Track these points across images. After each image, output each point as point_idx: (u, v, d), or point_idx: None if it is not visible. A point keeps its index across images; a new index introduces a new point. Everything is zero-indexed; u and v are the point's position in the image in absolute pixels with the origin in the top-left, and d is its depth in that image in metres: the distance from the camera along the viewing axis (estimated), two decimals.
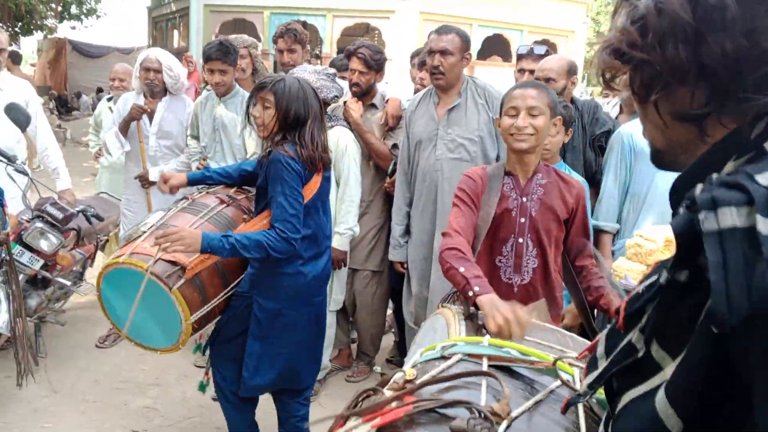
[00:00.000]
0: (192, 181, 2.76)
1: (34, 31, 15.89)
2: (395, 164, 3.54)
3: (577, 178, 2.92)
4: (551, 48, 14.72)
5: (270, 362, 2.59)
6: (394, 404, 1.12)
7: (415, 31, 13.03)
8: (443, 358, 1.32)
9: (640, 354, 0.78)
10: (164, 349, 2.52)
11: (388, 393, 1.20)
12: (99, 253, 4.63)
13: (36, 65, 19.59)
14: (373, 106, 3.69)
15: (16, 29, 15.57)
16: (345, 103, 3.72)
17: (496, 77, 3.83)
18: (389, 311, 4.27)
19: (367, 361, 3.98)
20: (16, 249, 3.29)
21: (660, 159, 0.88)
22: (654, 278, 0.78)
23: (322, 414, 3.47)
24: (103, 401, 3.44)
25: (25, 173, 3.23)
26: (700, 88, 0.77)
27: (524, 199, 2.23)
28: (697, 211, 0.67)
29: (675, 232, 0.71)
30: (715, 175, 0.70)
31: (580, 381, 1.22)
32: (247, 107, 2.55)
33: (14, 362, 3.16)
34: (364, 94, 3.64)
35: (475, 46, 13.95)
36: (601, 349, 0.89)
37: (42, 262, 3.44)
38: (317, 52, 13.20)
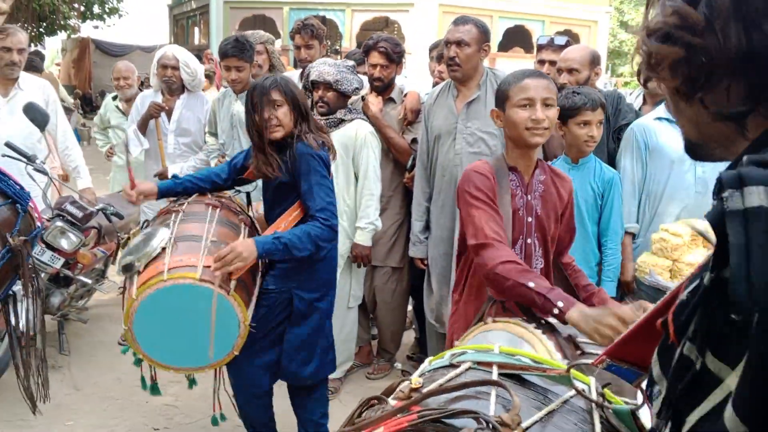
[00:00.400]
0: (162, 192, 2.70)
1: (57, 31, 16.07)
2: (414, 159, 3.49)
3: (611, 173, 2.85)
4: (573, 39, 14.52)
5: (310, 350, 2.64)
6: (399, 414, 1.07)
7: (434, 25, 12.93)
8: (452, 366, 1.26)
9: (698, 367, 0.70)
10: (214, 364, 2.39)
11: (393, 402, 1.15)
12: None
13: (60, 65, 19.86)
14: (392, 100, 3.64)
15: (41, 30, 15.78)
16: (363, 97, 3.68)
17: (518, 69, 3.73)
18: (410, 308, 4.24)
19: (387, 358, 3.94)
20: (37, 248, 3.31)
21: (694, 151, 0.83)
22: (697, 282, 0.72)
23: (342, 412, 3.44)
24: (124, 398, 3.46)
25: (44, 172, 3.24)
26: (738, 81, 0.71)
27: (528, 197, 2.12)
28: (722, 190, 0.62)
29: (709, 222, 0.65)
30: (746, 156, 0.65)
31: (596, 390, 1.16)
32: (249, 117, 2.51)
33: (39, 360, 3.20)
34: (386, 89, 3.60)
35: (496, 38, 13.80)
36: (656, 370, 0.80)
37: (63, 260, 3.45)
38: (337, 47, 13.18)
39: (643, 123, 3.06)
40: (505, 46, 14.57)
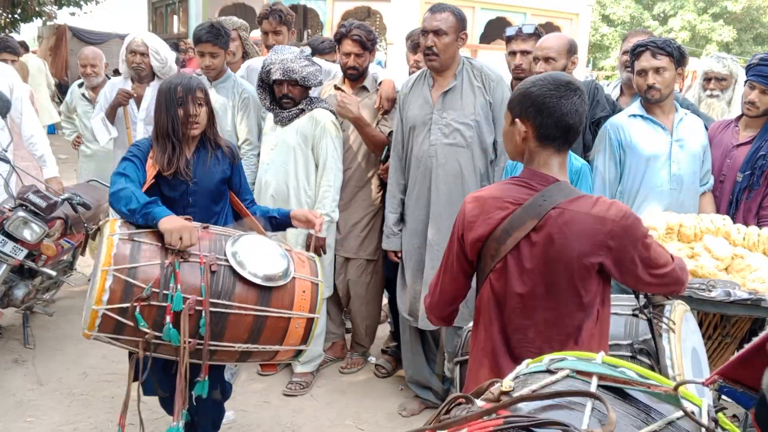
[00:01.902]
0: None
1: (33, 18, 15.72)
2: (389, 149, 3.42)
3: (580, 162, 2.81)
4: (555, 31, 14.51)
5: None
6: (485, 417, 0.99)
7: (416, 14, 12.81)
8: (548, 372, 1.15)
9: None
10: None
11: (480, 403, 1.06)
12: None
13: (37, 53, 19.45)
14: (365, 89, 3.56)
15: (15, 16, 15.43)
16: (335, 87, 3.60)
17: (500, 61, 3.69)
18: (384, 301, 4.18)
19: (361, 352, 3.89)
20: None
21: None
22: None
23: (313, 407, 3.39)
24: (89, 394, 3.36)
25: (6, 161, 3.13)
26: None
27: None
28: None
29: None
30: None
31: (709, 414, 1.05)
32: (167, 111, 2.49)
33: (2, 356, 3.09)
34: (360, 77, 3.52)
35: (478, 30, 13.73)
36: None
37: (26, 251, 3.34)
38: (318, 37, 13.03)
39: (617, 121, 3.03)
40: (486, 37, 14.52)
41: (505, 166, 3.06)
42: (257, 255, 2.26)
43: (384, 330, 4.30)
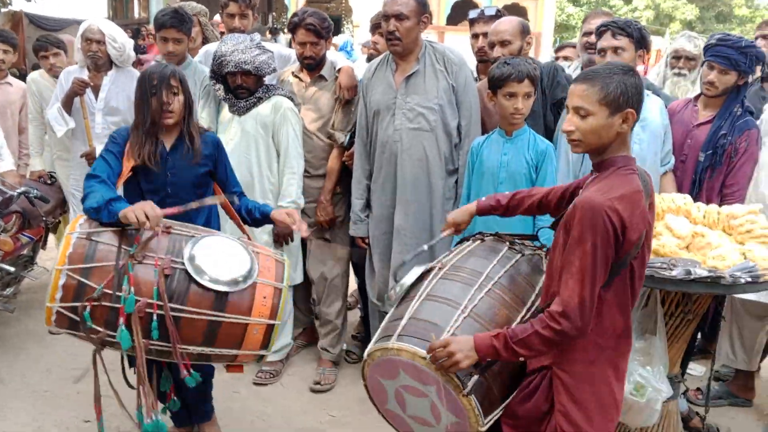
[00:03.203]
0: None
1: None
2: (353, 135, 3.39)
3: (545, 144, 2.82)
4: (521, 12, 14.52)
5: None
6: None
7: None
8: None
9: None
10: None
11: None
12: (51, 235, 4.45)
13: None
14: (322, 77, 3.50)
15: None
16: (293, 74, 3.55)
17: (467, 43, 3.67)
18: (354, 287, 4.17)
19: (332, 361, 3.82)
20: None
21: None
22: None
23: (284, 395, 3.38)
24: (54, 391, 3.30)
25: None
26: None
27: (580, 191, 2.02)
28: None
29: None
30: None
31: None
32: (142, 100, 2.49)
33: None
34: (317, 66, 3.47)
35: (444, 12, 13.70)
36: None
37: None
38: (277, 26, 12.81)
39: None
40: (453, 19, 14.49)
41: (468, 149, 3.07)
42: (216, 258, 2.19)
43: (354, 316, 4.30)
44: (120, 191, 2.44)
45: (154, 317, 2.09)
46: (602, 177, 1.84)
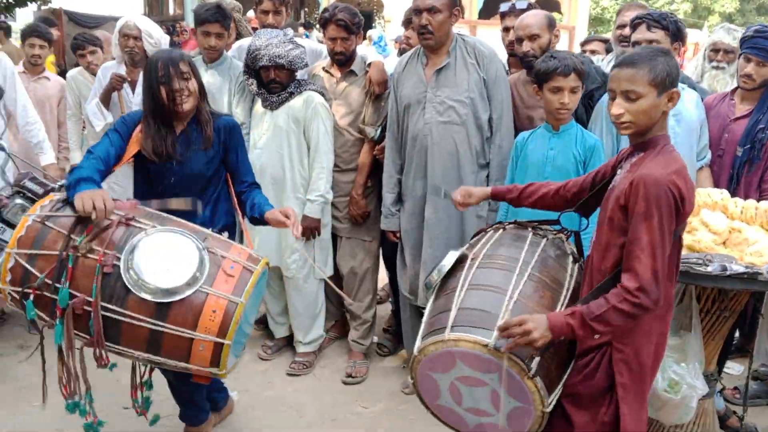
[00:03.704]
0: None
1: (28, 2, 15.59)
2: (383, 130, 3.40)
3: (593, 139, 2.80)
4: (554, 7, 14.35)
5: None
6: None
7: None
8: None
9: None
10: None
11: None
12: None
13: None
14: (353, 72, 3.53)
15: (11, 1, 15.30)
16: (323, 69, 3.58)
17: (498, 38, 3.65)
18: (386, 281, 4.19)
19: (362, 354, 3.85)
20: None
21: None
22: None
23: (318, 386, 3.42)
24: (94, 379, 3.38)
25: (1, 148, 3.12)
26: None
27: (618, 171, 2.04)
28: None
29: None
30: None
31: None
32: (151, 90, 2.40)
33: (7, 342, 3.10)
34: (347, 61, 3.49)
35: (477, 6, 13.61)
36: None
37: (11, 231, 3.35)
38: (310, 21, 12.88)
39: None
40: (486, 13, 14.38)
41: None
42: (161, 260, 1.98)
43: (385, 309, 4.33)
44: (128, 175, 2.49)
45: (92, 315, 1.95)
46: (651, 155, 1.89)
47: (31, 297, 1.98)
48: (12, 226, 3.30)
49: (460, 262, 2.14)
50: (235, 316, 1.99)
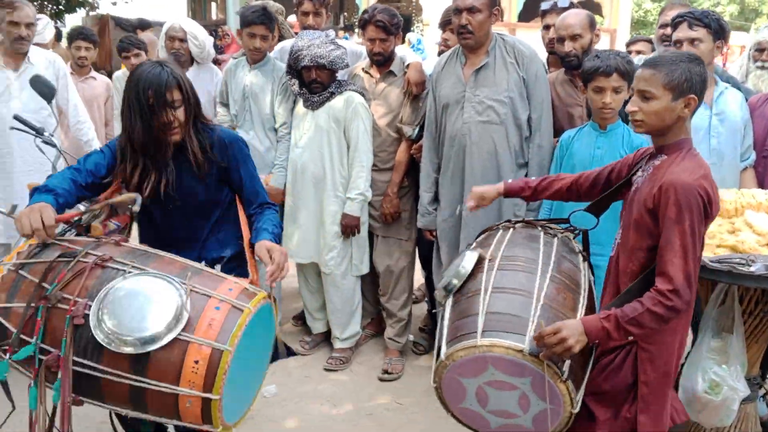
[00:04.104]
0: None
1: (77, 9, 16.11)
2: (421, 129, 3.43)
3: (640, 139, 2.75)
4: (596, 9, 14.17)
5: None
6: None
7: None
8: None
9: None
10: None
11: None
12: None
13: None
14: (391, 73, 3.57)
15: (60, 7, 15.83)
16: (363, 70, 3.63)
17: (539, 40, 3.65)
18: (422, 280, 4.21)
19: (399, 351, 3.87)
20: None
21: None
22: None
23: (353, 382, 3.47)
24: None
25: (53, 145, 3.24)
26: None
27: (640, 173, 2.05)
28: None
29: None
30: None
31: None
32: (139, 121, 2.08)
33: None
34: (386, 61, 3.54)
35: (517, 8, 13.53)
36: None
37: (75, 233, 3.47)
38: (352, 23, 12.99)
39: None
40: (525, 16, 14.28)
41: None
42: (135, 308, 1.75)
43: (421, 309, 4.35)
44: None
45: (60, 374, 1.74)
46: (676, 158, 1.92)
47: (7, 356, 1.78)
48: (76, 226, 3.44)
49: (476, 263, 2.12)
50: (221, 367, 1.72)
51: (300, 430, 3.03)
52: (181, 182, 2.19)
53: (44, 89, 3.09)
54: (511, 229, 2.29)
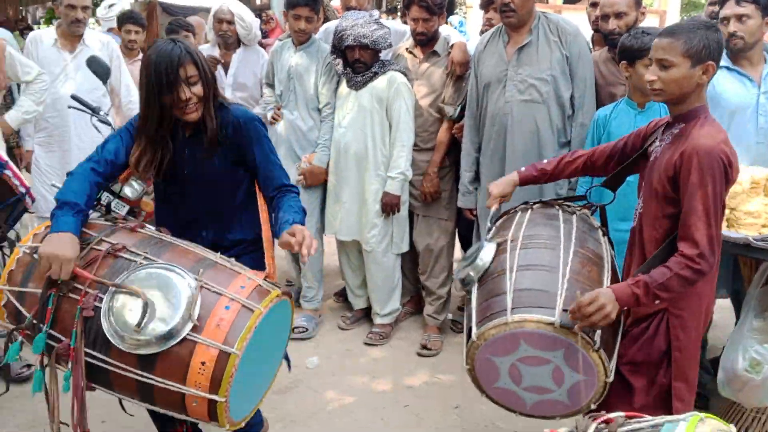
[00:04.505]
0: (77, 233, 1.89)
1: None
2: (463, 108, 3.46)
3: None
4: None
5: None
6: None
7: None
8: None
9: None
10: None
11: None
12: None
13: None
14: (435, 53, 3.59)
15: None
16: (406, 50, 3.66)
17: (585, 22, 3.62)
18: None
19: (437, 328, 3.91)
20: (104, 196, 3.49)
21: None
22: None
23: (392, 357, 3.54)
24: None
25: (108, 123, 3.38)
26: None
27: (658, 143, 2.08)
28: None
29: None
30: None
31: None
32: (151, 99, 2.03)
33: None
34: (429, 41, 3.56)
35: None
36: None
37: (128, 207, 3.61)
38: (395, 5, 12.97)
39: None
40: None
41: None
42: (142, 304, 1.71)
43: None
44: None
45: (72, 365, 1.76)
46: (695, 125, 1.94)
47: (19, 339, 1.84)
48: (116, 195, 3.59)
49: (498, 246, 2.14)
50: (227, 370, 1.68)
51: (340, 400, 3.12)
52: (196, 162, 2.13)
53: (100, 70, 3.22)
54: (530, 210, 2.32)
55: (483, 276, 2.06)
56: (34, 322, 1.79)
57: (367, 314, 3.93)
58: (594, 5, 3.36)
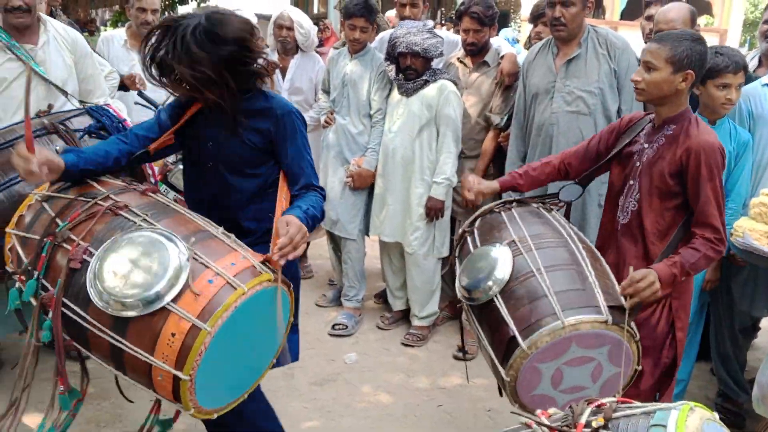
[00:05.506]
0: (67, 172, 1.93)
1: (188, 1, 17.05)
2: (509, 118, 3.53)
3: (747, 135, 2.81)
4: (706, 8, 13.55)
5: None
6: None
7: None
8: None
9: None
10: None
11: None
12: None
13: None
14: (485, 63, 3.69)
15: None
16: (458, 59, 3.76)
17: (640, 40, 3.64)
18: None
19: None
20: (162, 188, 3.68)
21: None
22: None
23: (428, 358, 3.62)
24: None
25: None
26: None
27: (646, 145, 2.26)
28: None
29: None
30: None
31: None
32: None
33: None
34: (479, 52, 3.66)
35: (620, 6, 13.17)
36: None
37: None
38: (451, 16, 13.09)
39: (748, 89, 2.94)
40: (628, 15, 13.86)
41: None
42: (132, 265, 1.65)
43: None
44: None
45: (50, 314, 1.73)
46: (689, 126, 2.16)
47: (17, 285, 1.82)
48: (175, 188, 3.79)
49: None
50: (194, 347, 1.57)
51: (375, 395, 3.22)
52: (219, 139, 2.10)
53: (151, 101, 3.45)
54: (512, 210, 2.33)
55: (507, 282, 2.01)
56: (29, 268, 1.80)
57: (405, 316, 4.02)
58: (649, 18, 3.40)
